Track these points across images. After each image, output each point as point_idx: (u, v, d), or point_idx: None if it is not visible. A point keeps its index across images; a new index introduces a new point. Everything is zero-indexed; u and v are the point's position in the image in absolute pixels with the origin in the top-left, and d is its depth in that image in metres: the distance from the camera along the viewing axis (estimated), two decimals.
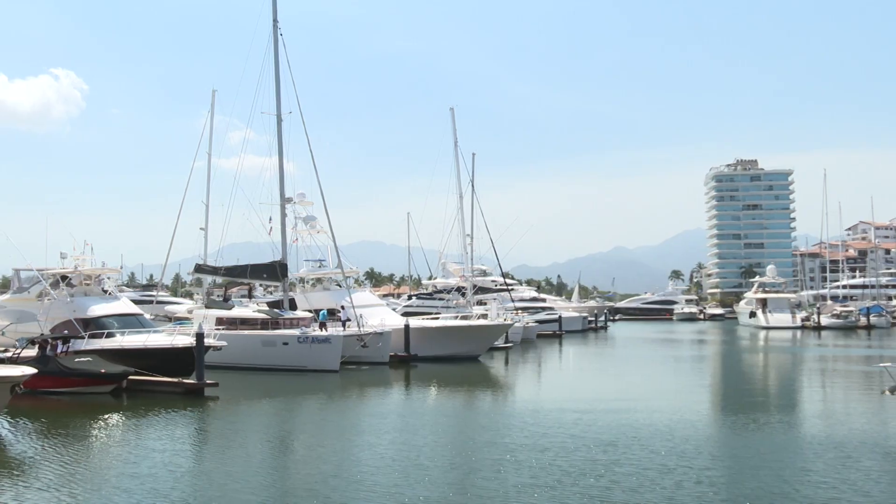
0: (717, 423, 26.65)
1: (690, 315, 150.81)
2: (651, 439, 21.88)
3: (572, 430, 23.59)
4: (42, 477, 17.98)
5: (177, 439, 23.40)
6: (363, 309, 49.86)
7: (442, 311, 65.20)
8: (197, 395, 32.56)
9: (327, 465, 19.10)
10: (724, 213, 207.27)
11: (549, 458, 19.46)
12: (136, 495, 16.17)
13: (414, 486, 16.65)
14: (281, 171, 50.24)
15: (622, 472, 17.77)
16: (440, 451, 20.66)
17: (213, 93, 62.68)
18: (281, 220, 50.31)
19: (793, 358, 58.20)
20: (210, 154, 61.73)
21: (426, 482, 16.97)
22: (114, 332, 38.52)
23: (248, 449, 21.75)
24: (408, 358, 49.22)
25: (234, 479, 17.62)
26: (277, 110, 49.93)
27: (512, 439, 22.19)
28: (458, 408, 30.97)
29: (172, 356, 35.31)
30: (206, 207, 60.15)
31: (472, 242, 75.58)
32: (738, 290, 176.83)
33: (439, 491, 16.25)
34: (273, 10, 50.32)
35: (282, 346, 43.47)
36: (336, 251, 53.65)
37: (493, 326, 55.49)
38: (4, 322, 43.64)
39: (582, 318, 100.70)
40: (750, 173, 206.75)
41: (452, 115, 72.77)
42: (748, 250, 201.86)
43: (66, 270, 43.06)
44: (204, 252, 58.81)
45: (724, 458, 19.79)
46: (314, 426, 26.76)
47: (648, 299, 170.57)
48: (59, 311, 40.43)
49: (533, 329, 77.30)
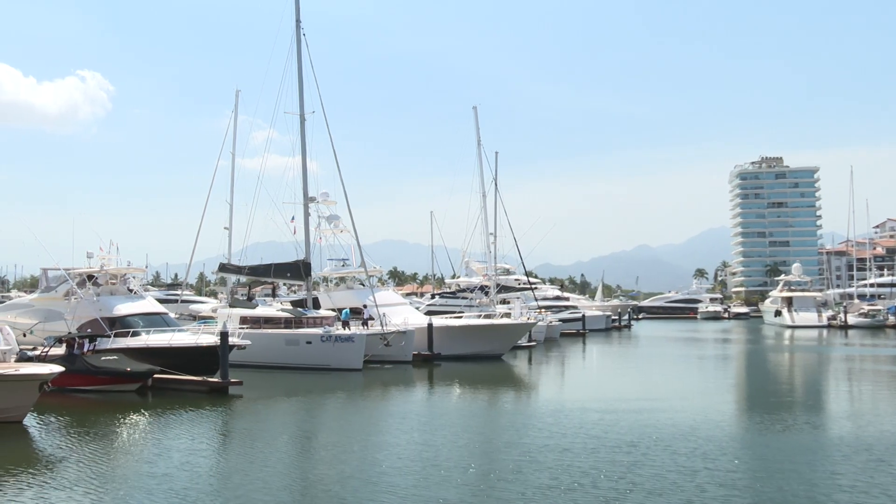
0: (741, 423, 26.38)
1: (715, 314, 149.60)
2: (674, 440, 21.70)
3: (594, 430, 23.46)
4: (68, 473, 18.17)
5: (201, 438, 23.55)
6: (386, 308, 49.90)
7: (465, 309, 65.09)
8: (221, 393, 32.74)
9: (346, 465, 19.09)
10: (748, 210, 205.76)
11: (569, 459, 19.33)
12: (161, 492, 16.30)
13: (432, 488, 16.55)
14: (304, 170, 50.44)
15: (643, 475, 17.61)
16: (460, 452, 20.56)
17: (236, 93, 63.09)
18: (304, 220, 50.46)
19: (819, 357, 57.59)
20: (234, 154, 62.14)
21: (444, 484, 16.87)
22: (139, 331, 38.76)
23: (270, 448, 21.80)
24: (431, 357, 49.22)
25: (255, 478, 17.67)
26: (300, 110, 50.10)
27: (533, 440, 22.09)
28: (480, 407, 30.91)
29: (197, 355, 35.51)
30: (230, 207, 60.56)
31: (495, 241, 75.46)
32: (762, 289, 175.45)
33: (457, 493, 16.13)
34: (296, 11, 50.49)
35: (305, 344, 43.60)
36: (359, 250, 53.79)
37: (517, 325, 55.35)
38: (33, 321, 44.14)
39: (605, 316, 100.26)
40: (775, 171, 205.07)
41: (475, 114, 72.71)
42: (773, 248, 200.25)
43: (92, 270, 43.41)
44: (228, 251, 59.18)
45: (749, 461, 19.48)
46: (336, 425, 26.82)
47: (672, 298, 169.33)
48: (86, 310, 40.77)
49: (556, 328, 77.04)
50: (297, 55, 50.24)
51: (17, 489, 16.90)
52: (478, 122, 72.48)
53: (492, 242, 74.97)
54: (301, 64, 50.17)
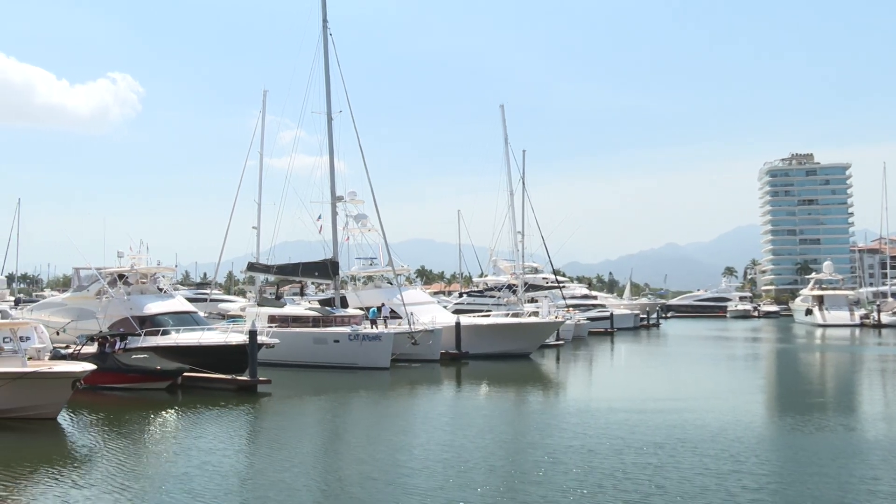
0: (772, 425, 25.96)
1: (744, 312, 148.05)
2: (702, 442, 21.40)
3: (620, 431, 23.20)
4: (100, 469, 18.40)
5: (229, 436, 23.70)
6: (414, 307, 49.92)
7: (493, 308, 64.97)
8: (250, 391, 32.90)
9: (369, 465, 18.97)
10: (778, 208, 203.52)
11: (595, 460, 19.11)
12: (188, 489, 16.41)
13: (453, 490, 16.35)
14: (332, 169, 50.58)
15: (670, 477, 17.31)
16: (484, 453, 20.33)
17: (264, 93, 63.52)
18: (332, 219, 50.60)
19: (851, 357, 56.77)
20: (262, 154, 62.58)
21: (466, 486, 16.65)
22: (169, 330, 39.11)
23: (295, 448, 21.82)
24: (459, 355, 49.18)
25: (277, 479, 17.65)
26: (327, 109, 50.22)
27: (558, 440, 21.91)
28: (507, 407, 30.79)
29: (226, 353, 35.76)
30: (259, 206, 61.00)
31: (522, 240, 75.32)
32: (793, 287, 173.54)
33: (479, 495, 15.93)
34: (322, 11, 50.63)
35: (333, 343, 43.72)
36: (387, 249, 53.89)
37: (545, 324, 55.16)
38: (65, 319, 44.71)
39: (634, 315, 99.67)
40: (805, 168, 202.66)
41: (502, 113, 72.52)
42: (804, 246, 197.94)
43: (122, 269, 43.88)
44: (256, 250, 59.58)
45: (780, 463, 19.12)
46: (362, 424, 26.84)
47: (701, 296, 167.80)
48: (117, 308, 41.23)
49: (584, 326, 76.64)
50: (324, 55, 50.42)
51: (52, 482, 17.14)
52: (505, 120, 72.35)
53: (519, 241, 74.87)
54: (328, 64, 50.35)
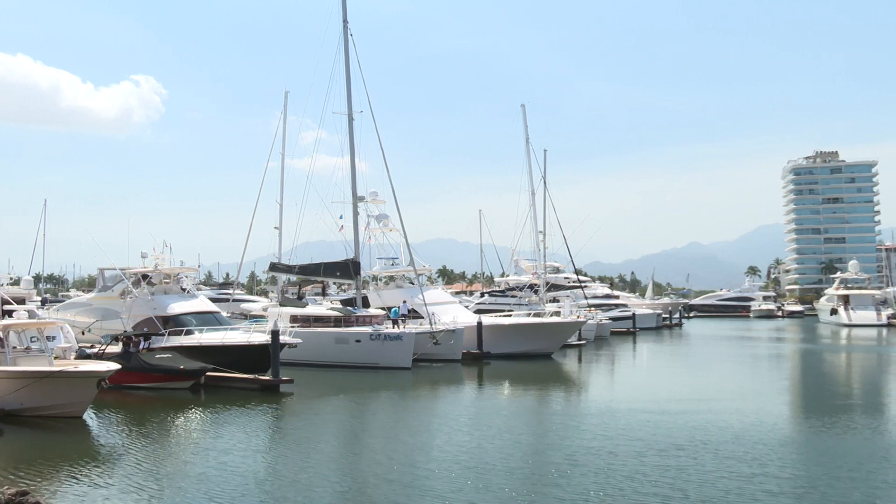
0: (797, 426, 25.59)
1: (768, 312, 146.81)
2: (725, 444, 21.12)
3: (642, 432, 22.93)
4: (123, 467, 18.54)
5: (250, 435, 23.77)
6: (436, 306, 49.94)
7: (515, 308, 64.90)
8: (272, 391, 33.03)
9: (386, 466, 18.85)
10: (802, 207, 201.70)
11: (615, 462, 18.88)
12: (208, 489, 16.48)
13: (469, 492, 16.17)
14: (353, 170, 50.71)
15: (691, 480, 17.05)
16: (504, 454, 20.13)
17: (285, 94, 63.83)
18: (353, 219, 50.71)
19: (878, 358, 56.12)
20: (283, 155, 62.94)
21: (483, 488, 16.46)
22: (192, 330, 39.39)
23: (316, 447, 21.83)
24: (480, 355, 49.14)
25: (296, 478, 17.69)
26: (348, 110, 50.35)
27: (579, 442, 21.68)
28: (528, 407, 30.65)
29: (249, 353, 35.97)
30: (280, 207, 61.38)
31: (544, 239, 75.18)
32: (818, 287, 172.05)
33: (496, 497, 15.76)
34: (343, 11, 50.74)
35: (354, 343, 43.82)
36: (408, 249, 53.90)
37: (566, 324, 54.98)
38: (91, 319, 45.19)
39: (656, 315, 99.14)
40: (830, 165, 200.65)
41: (523, 112, 72.49)
42: (828, 245, 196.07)
43: (146, 269, 44.28)
44: (278, 251, 59.91)
45: (806, 466, 18.76)
46: (382, 425, 26.87)
47: (724, 296, 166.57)
48: (141, 308, 41.57)
49: (606, 326, 76.34)
50: (345, 55, 50.59)
51: (77, 479, 17.30)
52: (526, 119, 72.32)
53: (541, 240, 74.73)
54: (349, 64, 50.50)
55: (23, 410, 24.72)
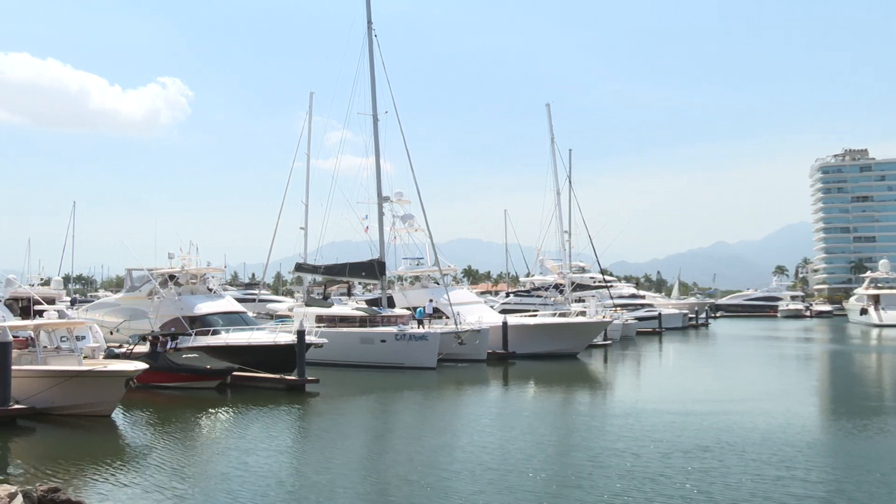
0: (825, 428, 25.19)
1: (796, 312, 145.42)
2: (752, 446, 20.81)
3: (667, 433, 22.70)
4: (150, 466, 18.70)
5: (275, 435, 23.88)
6: (461, 306, 49.94)
7: (540, 308, 64.71)
8: (298, 391, 33.16)
9: (407, 467, 18.80)
10: (831, 205, 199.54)
11: (639, 463, 18.65)
12: (231, 489, 16.55)
13: (490, 493, 16.01)
14: (378, 170, 50.82)
15: (716, 483, 16.80)
16: (527, 455, 19.98)
17: (310, 95, 63.95)
18: (378, 219, 50.83)
19: None
20: (308, 155, 63.01)
21: (506, 489, 16.32)
22: (219, 330, 39.64)
23: (339, 447, 21.80)
24: (506, 355, 49.10)
25: (317, 479, 17.68)
26: (373, 110, 50.45)
27: (603, 443, 21.51)
28: (552, 408, 30.56)
29: (275, 353, 36.12)
30: (306, 207, 61.48)
31: (569, 239, 75.05)
32: (847, 286, 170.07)
33: (517, 500, 15.60)
34: (367, 13, 50.84)
35: (380, 343, 43.92)
36: (433, 249, 53.97)
37: (592, 324, 54.80)
38: (119, 319, 45.66)
39: (682, 314, 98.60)
40: (859, 163, 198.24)
41: (548, 112, 72.30)
42: (858, 244, 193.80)
43: (173, 270, 44.62)
44: (304, 251, 60.07)
45: (833, 470, 18.38)
46: (406, 425, 26.96)
47: (751, 296, 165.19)
48: (168, 308, 41.92)
49: (632, 326, 76.01)
50: (370, 56, 50.68)
51: (106, 477, 17.48)
52: (551, 119, 72.18)
53: (566, 240, 74.63)
54: (373, 65, 50.59)
55: (53, 409, 25.02)
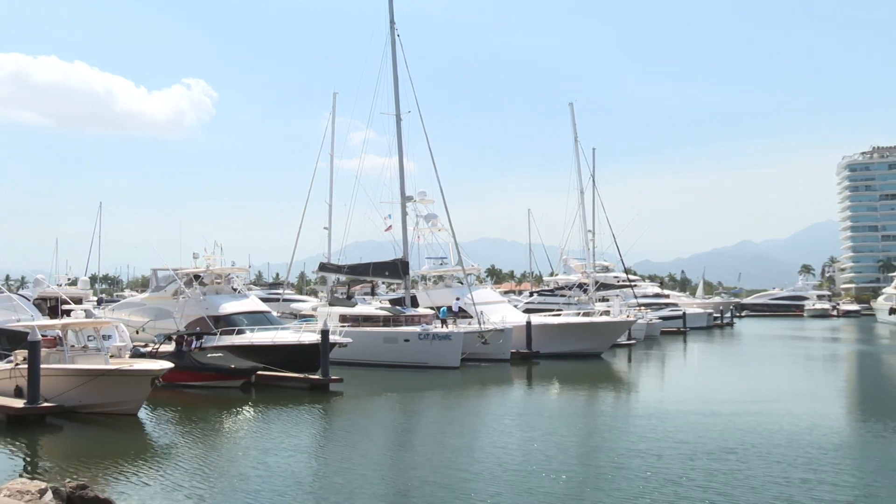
0: (853, 430, 24.69)
1: (822, 311, 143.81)
2: (778, 448, 20.54)
3: (691, 435, 22.51)
4: (175, 464, 18.91)
5: (299, 434, 24.04)
6: (484, 306, 49.90)
7: (564, 307, 64.54)
8: (322, 390, 33.29)
9: (426, 469, 18.77)
10: (858, 203, 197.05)
11: (662, 465, 18.44)
12: (251, 489, 16.62)
13: (509, 495, 15.89)
14: (401, 170, 50.89)
15: (740, 486, 16.53)
16: (547, 456, 19.83)
17: (333, 95, 64.12)
18: (402, 219, 50.90)
19: None
20: (332, 155, 63.20)
21: (526, 491, 16.20)
22: (244, 329, 39.83)
23: (360, 448, 21.76)
24: (530, 355, 49.02)
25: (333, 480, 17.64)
26: (396, 110, 50.53)
27: (626, 444, 21.33)
28: (575, 408, 30.45)
29: (299, 352, 36.25)
30: (330, 207, 61.65)
31: (593, 238, 74.77)
32: (875, 286, 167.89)
33: (537, 502, 15.50)
34: (390, 12, 50.95)
35: (403, 342, 43.96)
36: (457, 248, 53.95)
37: (616, 323, 54.58)
38: (144, 319, 46.03)
39: (707, 314, 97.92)
40: (888, 161, 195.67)
41: (572, 111, 72.09)
42: (886, 243, 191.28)
43: (198, 270, 44.90)
44: (328, 251, 60.24)
45: (862, 473, 18.03)
46: (428, 425, 27.01)
47: (777, 295, 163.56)
48: (193, 308, 42.19)
49: (656, 326, 75.59)
50: (392, 56, 50.78)
51: (133, 474, 17.66)
52: (574, 118, 71.96)
53: (590, 239, 74.34)
54: (396, 65, 50.69)
55: (81, 407, 25.29)
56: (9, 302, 43.57)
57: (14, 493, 12.37)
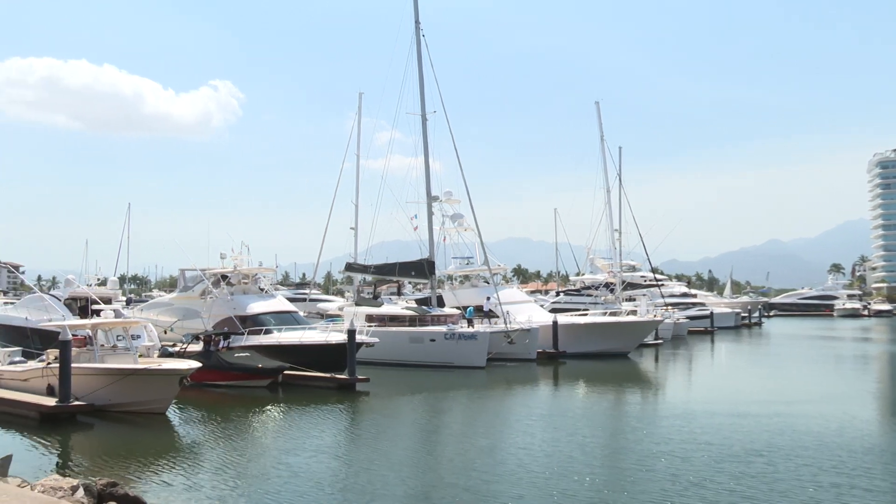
0: (885, 433, 24.29)
1: (853, 311, 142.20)
2: (808, 450, 20.27)
3: (718, 436, 22.26)
4: (204, 463, 19.07)
5: (326, 434, 24.10)
6: (511, 305, 49.84)
7: (590, 307, 64.38)
8: (349, 390, 33.40)
9: (449, 470, 18.70)
10: (891, 201, 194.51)
11: (687, 468, 18.22)
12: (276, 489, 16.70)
13: (532, 498, 15.74)
14: (427, 170, 50.96)
15: (767, 490, 16.29)
16: (572, 458, 19.63)
17: (359, 96, 64.43)
18: (428, 219, 50.96)
19: None
20: (358, 156, 63.52)
21: (548, 493, 16.05)
22: (271, 329, 40.06)
23: (385, 447, 21.73)
24: (556, 354, 48.93)
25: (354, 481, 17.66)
26: (422, 110, 50.64)
27: (651, 446, 21.13)
28: (601, 408, 30.25)
29: (326, 352, 36.42)
30: (356, 207, 61.96)
31: (620, 237, 74.27)
32: None
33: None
34: (415, 12, 51.11)
35: (429, 342, 44.05)
36: (483, 248, 53.93)
37: (643, 323, 54.33)
38: (172, 318, 46.46)
39: (734, 313, 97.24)
40: None
41: (598, 110, 71.79)
42: None
43: (225, 270, 45.24)
44: (354, 250, 60.52)
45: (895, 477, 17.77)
46: (452, 425, 26.99)
47: (806, 294, 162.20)
48: (221, 308, 42.52)
49: (683, 325, 75.12)
50: (417, 56, 50.90)
51: (161, 472, 17.84)
52: (600, 117, 71.61)
53: (617, 239, 73.88)
54: (421, 64, 50.82)
55: (110, 406, 25.58)
56: (40, 302, 44.18)
57: (48, 489, 12.70)
